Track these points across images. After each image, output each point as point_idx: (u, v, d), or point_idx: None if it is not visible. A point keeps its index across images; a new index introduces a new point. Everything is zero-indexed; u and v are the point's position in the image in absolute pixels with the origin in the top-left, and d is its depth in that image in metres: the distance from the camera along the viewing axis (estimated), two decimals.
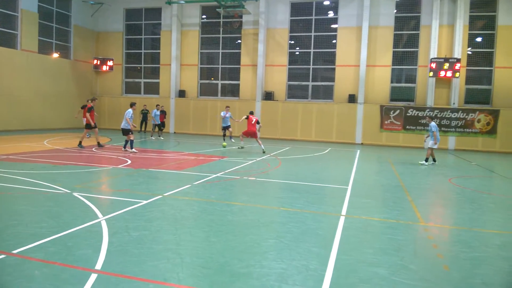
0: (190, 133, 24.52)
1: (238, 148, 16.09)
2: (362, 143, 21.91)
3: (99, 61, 26.43)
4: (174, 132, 24.92)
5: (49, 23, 23.87)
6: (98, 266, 3.88)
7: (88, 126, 14.41)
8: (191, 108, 24.95)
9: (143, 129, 22.47)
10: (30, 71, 22.15)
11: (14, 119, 21.14)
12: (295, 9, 23.60)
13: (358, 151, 17.63)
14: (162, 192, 7.25)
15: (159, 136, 20.41)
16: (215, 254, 4.38)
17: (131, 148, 13.48)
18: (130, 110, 13.62)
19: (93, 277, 3.63)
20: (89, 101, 15.39)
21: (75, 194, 6.86)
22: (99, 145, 14.40)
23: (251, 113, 15.84)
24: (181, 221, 5.68)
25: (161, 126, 20.31)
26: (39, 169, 9.30)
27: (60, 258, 4.04)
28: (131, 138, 13.45)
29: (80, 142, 14.08)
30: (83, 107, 17.77)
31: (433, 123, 13.25)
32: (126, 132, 13.47)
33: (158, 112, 19.92)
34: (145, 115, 22.17)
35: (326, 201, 7.56)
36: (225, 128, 17.76)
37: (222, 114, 17.64)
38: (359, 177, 10.28)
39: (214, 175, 9.36)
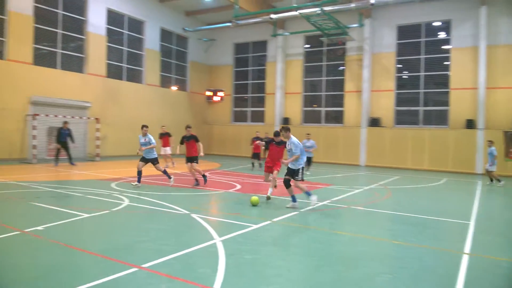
0: None
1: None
2: (484, 173, 19.73)
3: (211, 92, 28.59)
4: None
5: (169, 59, 26.72)
6: (217, 285, 4.10)
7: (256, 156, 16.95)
8: (295, 135, 25.25)
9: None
10: (153, 103, 24.84)
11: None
12: (402, 32, 22.78)
13: (480, 182, 15.90)
14: (271, 218, 7.42)
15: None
16: (327, 284, 4.31)
17: (168, 177, 11.43)
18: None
19: None
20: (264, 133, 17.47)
21: (193, 215, 7.40)
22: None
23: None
24: (290, 247, 5.74)
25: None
26: (160, 191, 10.26)
27: (183, 274, 4.37)
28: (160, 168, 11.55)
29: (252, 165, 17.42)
30: (161, 136, 17.50)
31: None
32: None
33: (309, 143, 15.96)
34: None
35: (445, 237, 6.95)
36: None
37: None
38: (483, 211, 9.25)
39: (321, 203, 9.29)
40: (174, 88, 26.98)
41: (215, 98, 28.46)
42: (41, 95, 18.64)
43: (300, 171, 8.81)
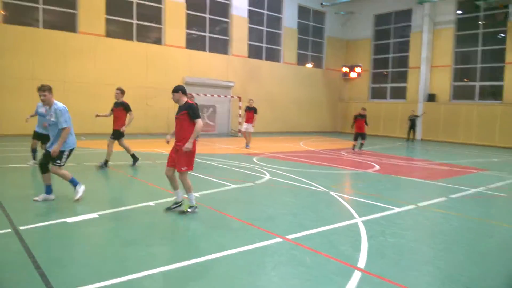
0: (439, 141, 22.67)
1: None
2: None
3: (348, 69, 27.79)
4: (422, 139, 23.58)
5: (306, 37, 26.76)
6: (360, 264, 4.08)
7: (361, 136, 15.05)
8: (442, 113, 23.03)
9: (410, 136, 22.20)
10: (289, 81, 25.36)
11: (275, 122, 24.63)
12: None
13: None
14: (415, 202, 6.98)
15: None
16: (483, 278, 3.91)
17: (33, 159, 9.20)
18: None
19: (357, 274, 3.84)
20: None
21: (332, 193, 7.43)
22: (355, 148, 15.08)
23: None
24: (438, 235, 5.34)
25: None
26: (298, 167, 10.55)
27: (325, 250, 4.46)
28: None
29: (354, 146, 15.14)
30: (248, 109, 15.12)
31: None
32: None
33: None
34: (413, 121, 21.95)
35: None
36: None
37: None
38: None
39: (474, 190, 8.35)
40: (309, 65, 27.05)
41: (352, 74, 27.61)
42: (193, 76, 20.72)
43: (66, 154, 6.07)
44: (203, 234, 4.92)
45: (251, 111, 15.01)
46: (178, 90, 5.68)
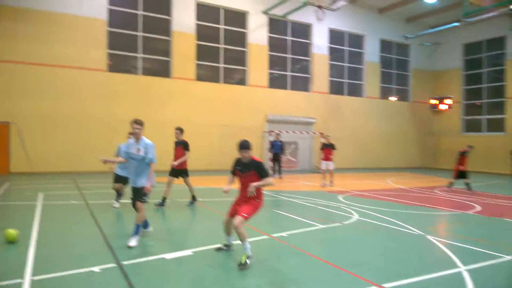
0: None
1: None
2: None
3: (436, 101, 26.33)
4: None
5: (389, 70, 26.12)
6: None
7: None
8: None
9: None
10: (372, 115, 24.70)
11: (359, 158, 23.89)
12: None
13: None
14: None
15: None
16: None
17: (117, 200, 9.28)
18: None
19: None
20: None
21: (428, 236, 6.89)
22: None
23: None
24: None
25: None
26: (387, 207, 10.01)
27: None
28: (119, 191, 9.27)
29: (451, 184, 13.65)
30: (324, 147, 14.77)
31: None
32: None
33: None
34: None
35: None
36: None
37: None
38: None
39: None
40: (393, 98, 26.19)
41: (442, 106, 26.09)
42: (275, 114, 21.22)
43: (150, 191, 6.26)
44: (289, 278, 4.81)
45: (328, 148, 14.53)
46: (250, 146, 5.49)
